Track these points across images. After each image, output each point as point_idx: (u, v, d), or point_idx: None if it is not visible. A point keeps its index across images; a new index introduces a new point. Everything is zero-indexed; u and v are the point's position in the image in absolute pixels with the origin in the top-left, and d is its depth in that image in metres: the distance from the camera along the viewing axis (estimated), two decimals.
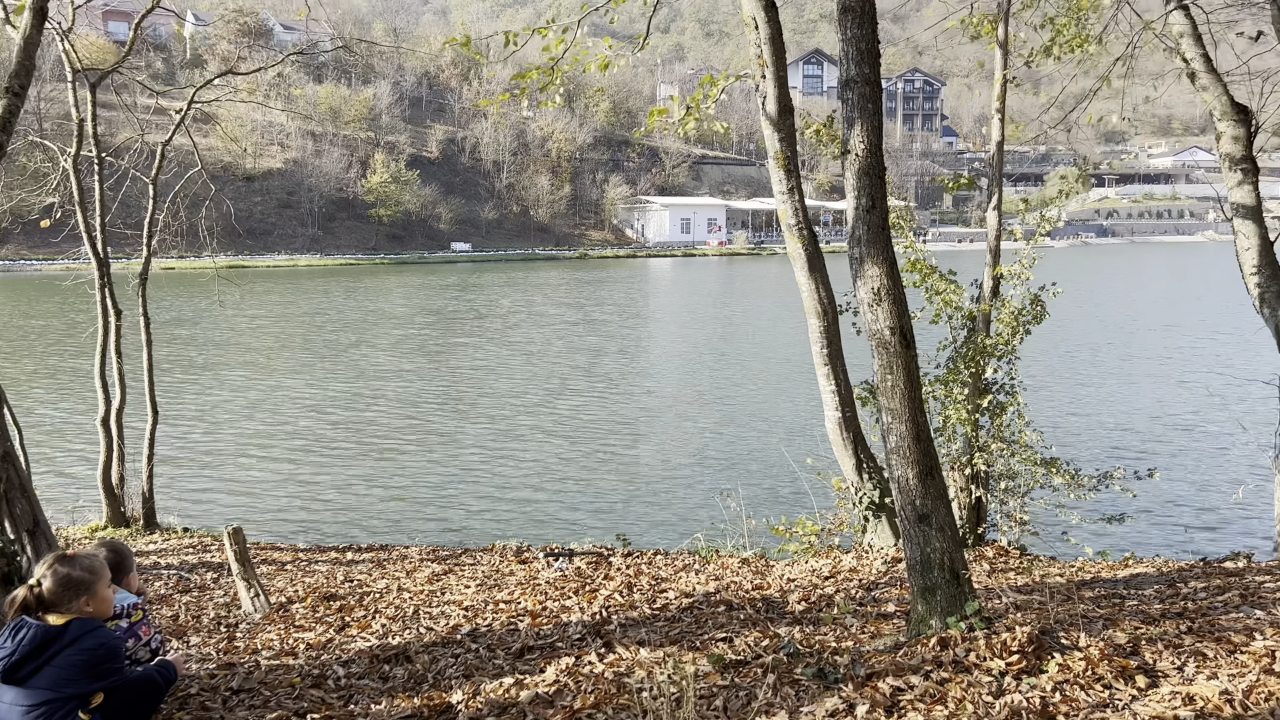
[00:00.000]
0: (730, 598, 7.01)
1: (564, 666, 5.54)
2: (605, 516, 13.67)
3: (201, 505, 14.93)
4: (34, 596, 4.08)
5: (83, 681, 4.00)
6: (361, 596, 7.49)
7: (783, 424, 20.46)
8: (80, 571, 4.18)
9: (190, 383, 27.15)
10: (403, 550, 10.06)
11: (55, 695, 4.00)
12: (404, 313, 48.54)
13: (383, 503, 15.16)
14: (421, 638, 6.28)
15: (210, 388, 26.50)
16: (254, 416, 22.30)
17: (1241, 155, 10.32)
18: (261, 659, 5.97)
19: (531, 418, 21.92)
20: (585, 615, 6.61)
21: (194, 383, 27.27)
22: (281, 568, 8.99)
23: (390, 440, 19.58)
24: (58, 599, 4.08)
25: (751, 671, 5.18)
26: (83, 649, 4.03)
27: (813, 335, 8.60)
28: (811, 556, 8.74)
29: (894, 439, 5.37)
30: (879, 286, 5.25)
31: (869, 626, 5.94)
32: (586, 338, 37.60)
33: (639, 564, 8.86)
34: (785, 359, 30.96)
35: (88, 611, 4.13)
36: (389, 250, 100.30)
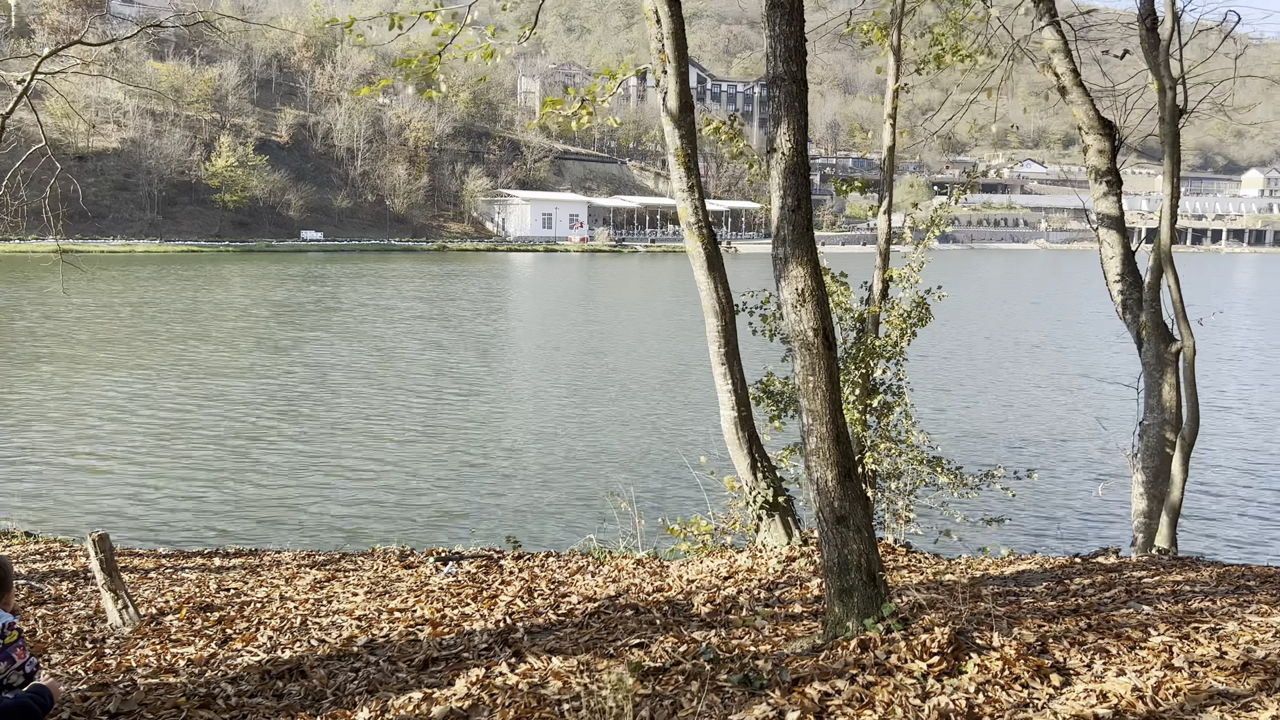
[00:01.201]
0: (635, 601, 6.88)
1: (474, 678, 5.30)
2: (489, 519, 13.35)
3: (42, 509, 13.85)
4: None
5: None
6: (241, 606, 7.01)
7: (668, 423, 20.51)
8: None
9: (18, 377, 25.25)
10: (275, 555, 9.52)
11: None
12: (255, 304, 46.54)
13: (243, 505, 14.41)
14: (314, 650, 5.91)
15: (40, 383, 24.71)
16: (91, 414, 20.89)
17: (1106, 168, 10.83)
18: (138, 678, 5.49)
19: (404, 418, 21.29)
20: (489, 623, 6.36)
21: (22, 377, 25.39)
22: (145, 575, 8.36)
23: (244, 440, 18.66)
24: None
25: (673, 679, 5.06)
26: None
27: (710, 334, 8.56)
28: (706, 556, 8.70)
29: (814, 440, 5.34)
30: (803, 288, 5.21)
31: (781, 629, 5.91)
32: (456, 334, 36.85)
33: (532, 567, 8.63)
34: (668, 358, 31.10)
35: None
36: (235, 237, 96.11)
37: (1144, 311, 10.38)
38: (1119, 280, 10.68)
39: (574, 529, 12.35)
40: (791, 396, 9.09)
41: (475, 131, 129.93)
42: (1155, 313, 10.34)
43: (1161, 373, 10.27)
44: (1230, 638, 5.27)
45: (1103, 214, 10.77)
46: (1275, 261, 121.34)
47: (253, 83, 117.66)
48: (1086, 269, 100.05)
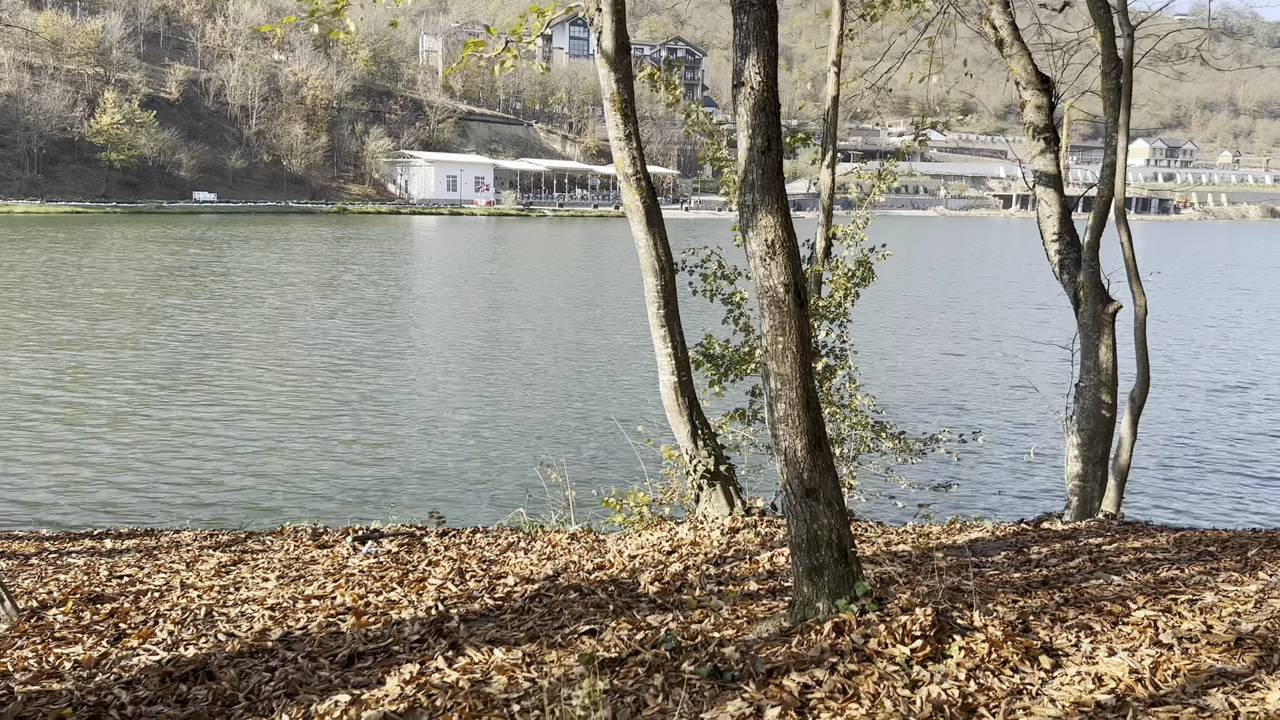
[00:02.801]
0: (577, 582, 6.38)
1: (407, 676, 4.74)
2: (407, 494, 12.64)
3: None
4: None
5: None
6: (136, 597, 6.28)
7: (597, 391, 19.94)
8: None
9: None
10: (174, 535, 8.73)
11: None
12: (141, 268, 44.31)
13: (132, 484, 13.39)
14: (222, 646, 5.26)
15: None
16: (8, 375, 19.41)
17: (1044, 124, 10.60)
18: (15, 685, 4.78)
19: (308, 389, 20.28)
20: (419, 610, 5.79)
21: None
22: (25, 562, 7.52)
23: (131, 414, 17.47)
24: None
25: (632, 671, 4.58)
26: None
27: (649, 294, 8.04)
28: (645, 529, 8.24)
29: (783, 406, 4.89)
30: (773, 239, 4.73)
31: (740, 610, 5.48)
32: (361, 300, 35.56)
33: (458, 544, 8.05)
34: (594, 323, 30.43)
35: None
36: (122, 198, 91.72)
37: (1082, 271, 10.23)
38: (1056, 240, 10.50)
39: (500, 503, 11.78)
40: (732, 360, 8.67)
41: (376, 91, 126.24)
42: (1094, 272, 10.19)
43: (1099, 333, 10.14)
44: (1213, 610, 5.03)
45: (1040, 172, 10.56)
46: (1158, 229, 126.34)
47: (139, 36, 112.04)
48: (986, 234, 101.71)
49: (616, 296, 37.77)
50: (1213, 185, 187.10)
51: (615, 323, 30.55)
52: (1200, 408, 19.72)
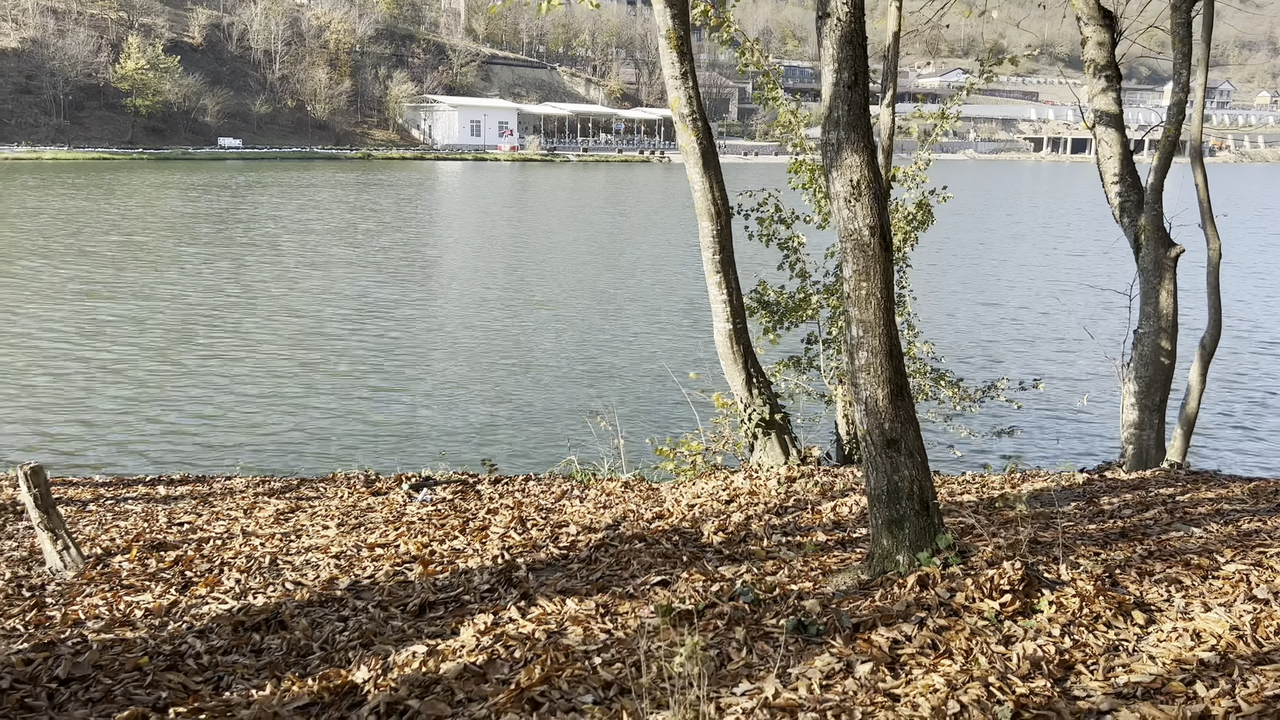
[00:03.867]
0: (639, 531, 6.30)
1: (481, 626, 4.68)
2: (456, 440, 12.58)
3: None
4: None
5: None
6: (199, 544, 6.26)
7: (646, 338, 19.70)
8: None
9: None
10: (226, 482, 8.73)
11: None
12: (173, 215, 44.32)
13: (180, 430, 13.43)
14: (291, 595, 5.22)
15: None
16: (10, 329, 19.49)
17: (1105, 61, 10.25)
18: (89, 633, 4.76)
19: (354, 336, 20.22)
20: (485, 559, 5.73)
21: None
22: (83, 508, 7.52)
23: (176, 361, 17.49)
24: None
25: (710, 624, 4.50)
26: None
27: (704, 239, 7.86)
28: (698, 478, 8.15)
29: (864, 355, 4.73)
30: (859, 179, 4.54)
31: (811, 561, 5.38)
32: (401, 246, 35.38)
33: (512, 492, 7.99)
34: (641, 268, 30.10)
35: None
36: (148, 144, 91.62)
37: (1144, 214, 9.93)
38: (1117, 182, 10.19)
39: (550, 451, 11.70)
40: (788, 307, 8.49)
41: (398, 34, 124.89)
42: (1156, 215, 9.90)
43: (1159, 278, 9.88)
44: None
45: (1101, 111, 10.22)
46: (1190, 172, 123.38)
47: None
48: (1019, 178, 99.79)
49: (654, 241, 37.46)
50: (1250, 127, 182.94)
51: (657, 268, 30.27)
52: (1257, 356, 19.32)
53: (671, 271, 29.63)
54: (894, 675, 3.88)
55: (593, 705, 3.79)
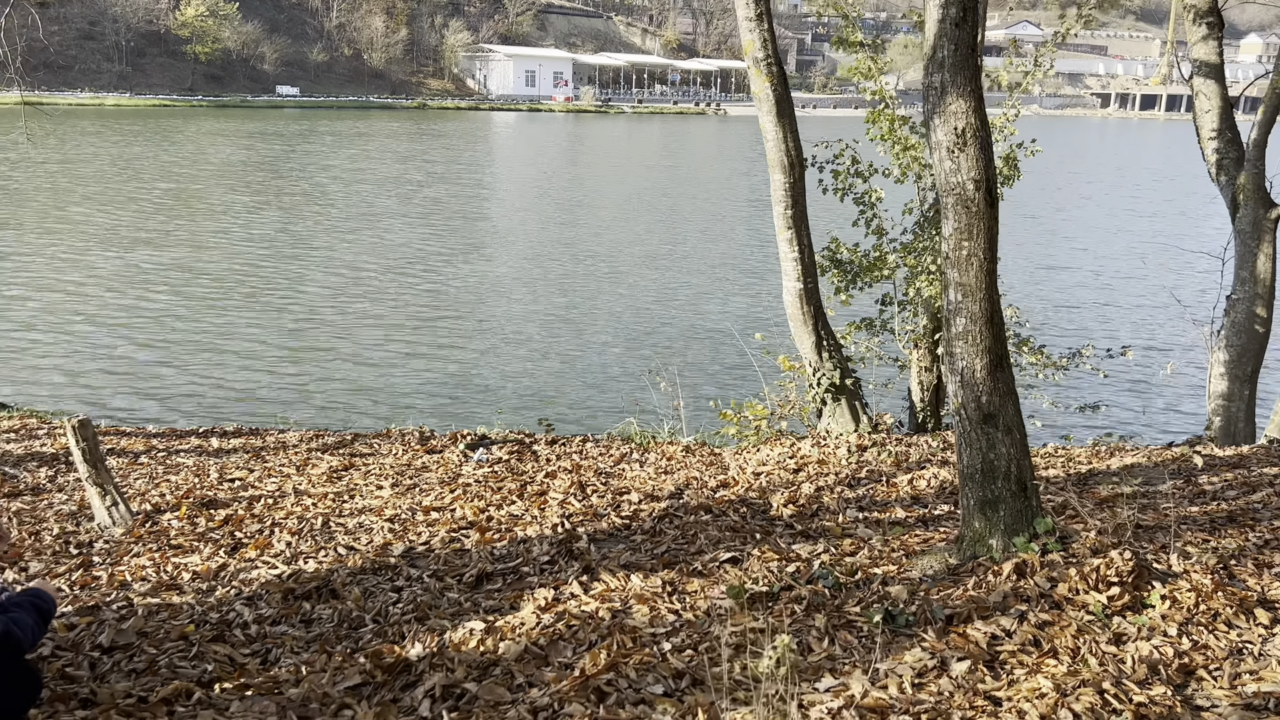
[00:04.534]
0: (704, 501, 5.98)
1: (541, 602, 4.41)
2: (510, 399, 12.35)
3: (11, 379, 12.78)
4: None
5: None
6: (250, 502, 6.07)
7: (706, 296, 19.25)
8: None
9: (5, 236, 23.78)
10: (279, 436, 8.57)
11: None
12: (231, 163, 44.52)
13: (231, 381, 13.35)
14: (343, 561, 4.99)
15: (8, 243, 23.28)
16: (65, 277, 19.58)
17: (1206, 8, 9.62)
18: (135, 596, 4.58)
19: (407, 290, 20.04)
20: (544, 528, 5.46)
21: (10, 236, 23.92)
22: (135, 460, 7.39)
23: (229, 313, 17.44)
24: None
25: (788, 609, 4.18)
26: None
27: (775, 193, 7.44)
28: (762, 444, 7.81)
29: (963, 321, 4.33)
30: (964, 126, 4.11)
31: (893, 541, 5.03)
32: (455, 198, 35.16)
33: (570, 454, 7.72)
34: (700, 224, 29.54)
35: None
36: (208, 92, 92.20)
37: (1244, 172, 9.32)
38: (1215, 137, 9.58)
39: (606, 411, 11.42)
40: (862, 266, 8.06)
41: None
42: (1257, 174, 9.30)
43: (1258, 241, 9.29)
44: None
45: (1200, 61, 9.58)
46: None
47: None
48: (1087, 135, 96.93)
49: (713, 196, 36.86)
50: None
51: (716, 224, 29.72)
52: None
53: (731, 227, 29.08)
54: (994, 675, 3.54)
55: (663, 697, 3.50)
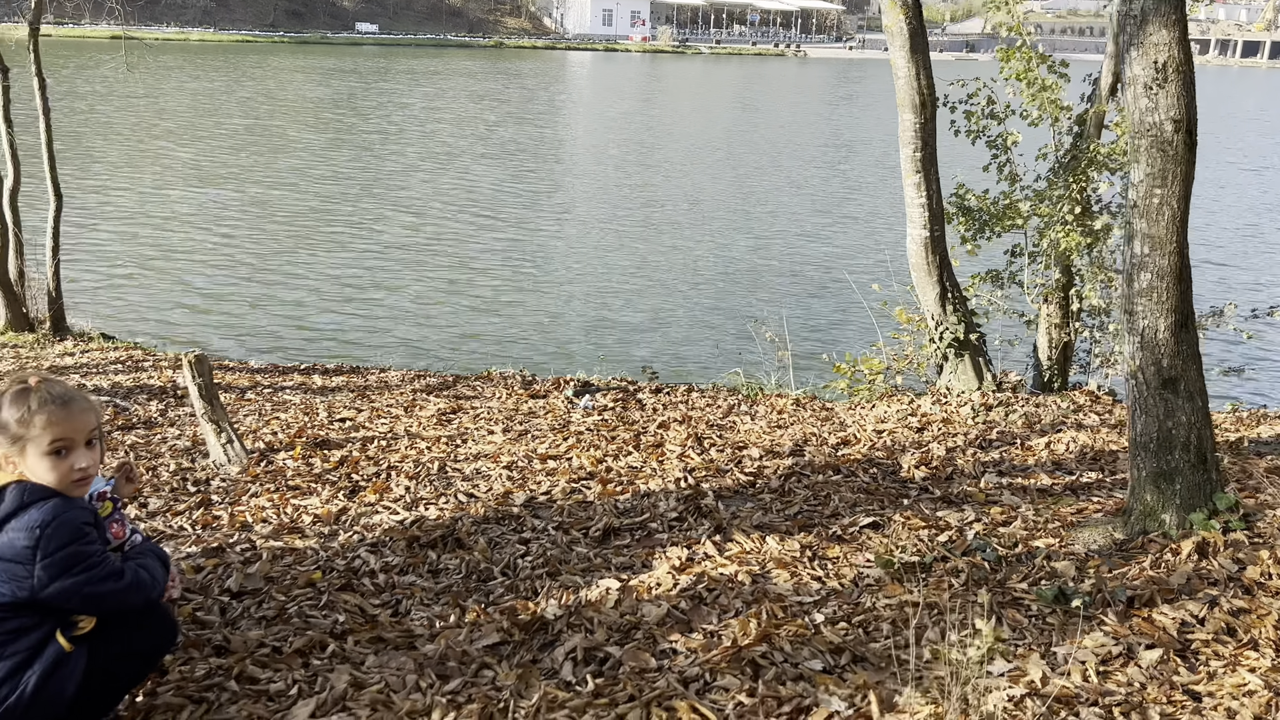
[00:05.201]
0: (830, 460, 5.71)
1: (675, 562, 4.20)
2: (603, 344, 12.09)
3: (113, 311, 12.94)
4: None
5: (30, 579, 2.57)
6: (363, 444, 5.95)
7: (797, 243, 18.70)
8: (81, 399, 2.75)
9: (85, 168, 24.16)
10: (381, 374, 8.48)
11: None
12: (323, 100, 44.71)
13: (314, 320, 13.28)
14: (465, 509, 4.84)
15: (105, 174, 23.64)
16: (149, 212, 19.75)
17: None
18: (257, 539, 4.47)
19: (495, 228, 19.88)
20: (666, 482, 5.24)
21: (89, 168, 24.31)
22: (241, 396, 7.35)
23: (323, 247, 17.45)
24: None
25: (944, 582, 3.90)
26: (26, 527, 2.56)
27: (904, 134, 7.03)
28: (877, 400, 7.49)
29: (1148, 277, 3.96)
30: (1165, 60, 3.70)
31: (1044, 511, 4.70)
32: (538, 138, 34.86)
33: (675, 403, 7.49)
34: (782, 168, 28.87)
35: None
36: (289, 28, 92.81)
37: None
38: None
39: (704, 360, 11.11)
40: (991, 215, 7.62)
41: None
42: None
43: None
44: None
45: None
46: None
47: None
48: None
49: (801, 141, 36.03)
50: None
51: (806, 170, 28.98)
52: None
53: (822, 173, 28.35)
54: (1188, 667, 3.23)
55: (822, 674, 3.26)
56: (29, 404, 2.64)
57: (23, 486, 2.60)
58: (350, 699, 3.17)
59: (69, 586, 2.58)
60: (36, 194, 11.74)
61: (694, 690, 3.20)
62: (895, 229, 19.60)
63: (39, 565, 2.54)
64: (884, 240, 18.45)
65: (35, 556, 2.54)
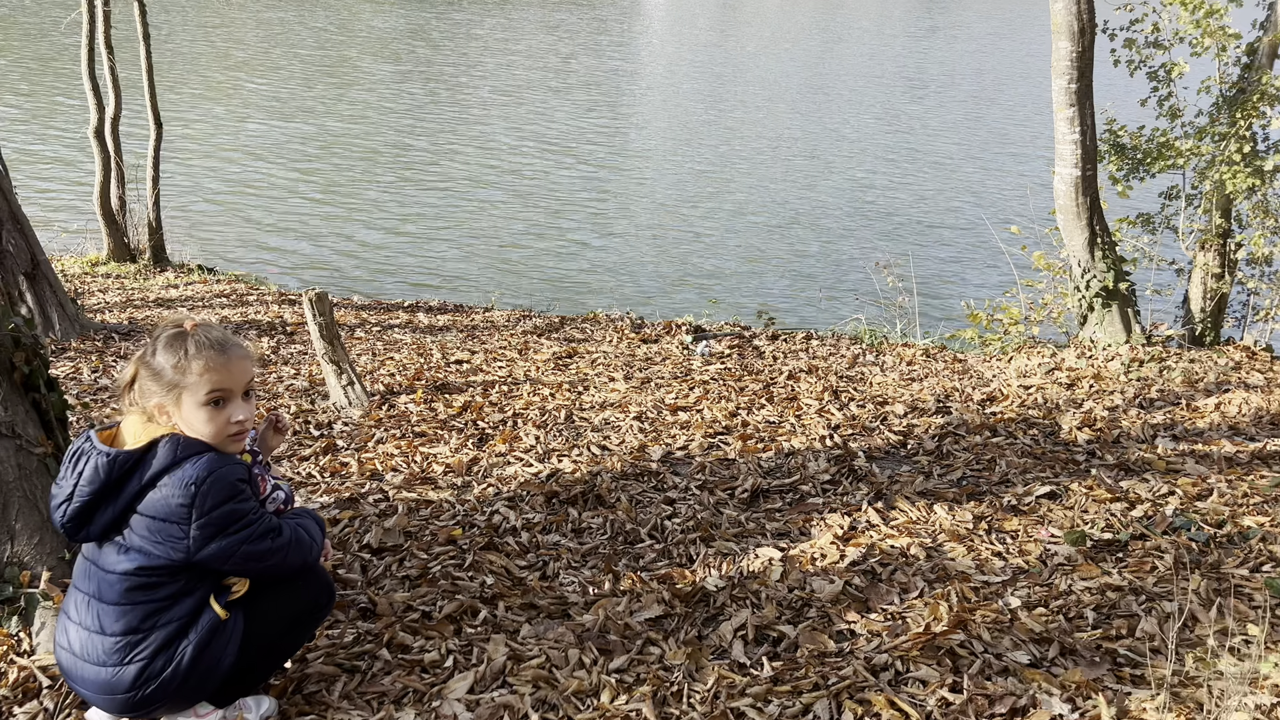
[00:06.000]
0: (978, 417, 5.31)
1: (837, 530, 3.88)
2: (709, 286, 11.66)
3: (206, 243, 12.88)
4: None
5: (186, 539, 2.31)
6: (484, 389, 5.71)
7: (921, 180, 17.83)
8: (237, 344, 2.49)
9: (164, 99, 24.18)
10: (485, 314, 8.24)
11: (148, 561, 2.36)
12: (388, 31, 44.35)
13: (412, 254, 13.06)
14: (601, 463, 4.57)
15: (186, 105, 23.66)
16: (245, 142, 19.68)
17: None
18: (389, 489, 4.26)
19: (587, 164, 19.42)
20: (810, 439, 4.90)
21: (167, 99, 24.34)
22: (351, 334, 7.15)
23: (405, 183, 17.13)
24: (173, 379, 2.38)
25: (1145, 564, 3.52)
26: (181, 483, 2.33)
27: (1058, 64, 6.46)
28: (1015, 351, 7.03)
29: None
30: None
31: (1237, 483, 4.27)
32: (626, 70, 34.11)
33: (795, 351, 7.13)
34: (906, 103, 27.79)
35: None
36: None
37: None
38: None
39: (820, 305, 10.65)
40: (1147, 153, 7.03)
41: None
42: None
43: None
44: None
45: None
46: None
47: None
48: None
49: (898, 72, 34.76)
50: None
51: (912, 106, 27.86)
52: None
53: (930, 108, 27.24)
54: None
55: (1031, 669, 2.93)
56: (185, 348, 2.39)
57: (176, 440, 2.37)
58: (510, 674, 2.93)
59: (226, 546, 2.36)
60: (126, 123, 11.61)
61: (885, 681, 2.90)
62: (1022, 170, 18.75)
63: (195, 525, 2.32)
64: (997, 183, 17.66)
65: (191, 515, 2.31)
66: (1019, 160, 20.08)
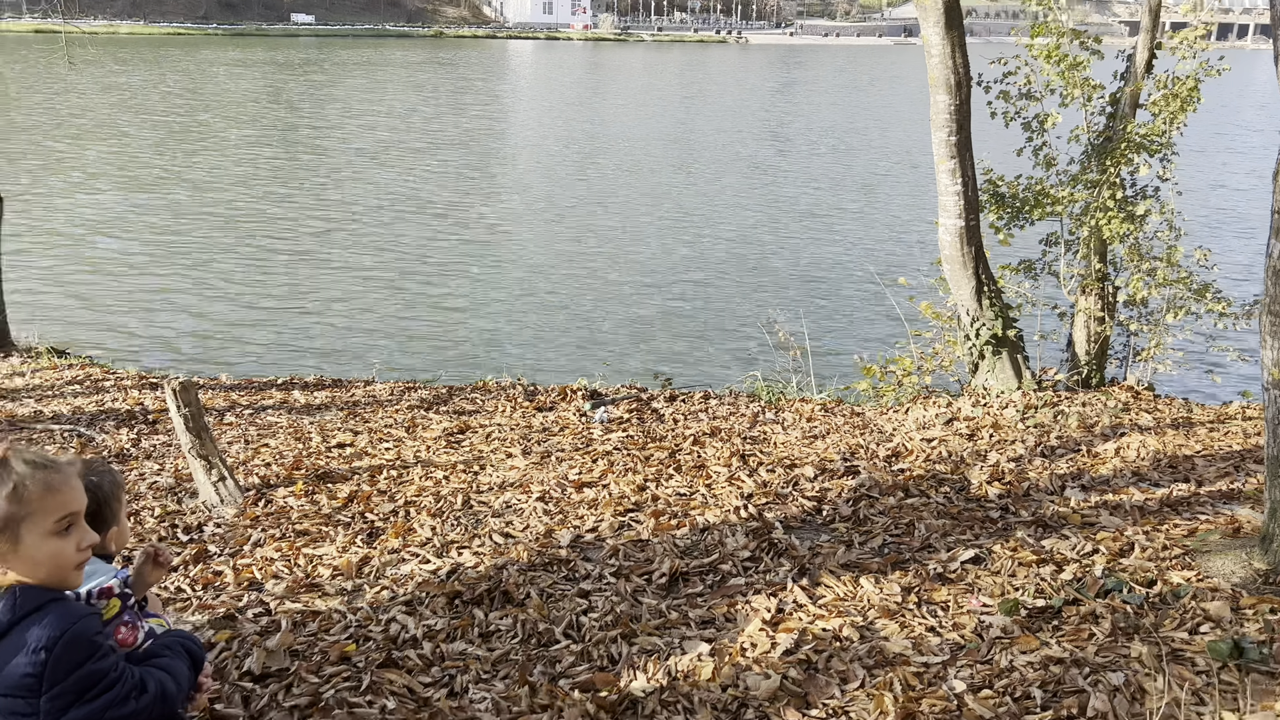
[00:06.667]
0: (888, 476, 5.19)
1: (765, 615, 3.65)
2: (603, 350, 11.38)
3: (55, 324, 12.01)
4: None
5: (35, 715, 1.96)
6: (371, 475, 5.31)
7: (803, 237, 17.92)
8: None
9: (13, 173, 22.86)
10: (366, 387, 7.80)
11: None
12: (252, 94, 43.28)
13: (290, 328, 12.48)
14: (504, 554, 4.23)
15: (24, 178, 22.37)
16: (77, 218, 18.52)
17: None
18: (270, 600, 3.83)
19: (472, 230, 19.06)
20: (724, 512, 4.68)
21: (18, 172, 23.02)
22: (221, 418, 6.62)
23: (276, 253, 16.48)
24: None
25: (1082, 630, 3.40)
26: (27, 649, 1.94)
27: (938, 117, 6.53)
28: (909, 403, 7.01)
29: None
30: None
31: (1154, 535, 4.22)
32: (484, 130, 33.95)
33: (695, 412, 6.94)
34: (768, 158, 28.25)
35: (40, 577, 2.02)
36: (222, 19, 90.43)
37: None
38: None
39: (711, 363, 10.51)
40: (1025, 202, 7.15)
41: None
42: None
43: None
44: None
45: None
46: None
47: None
48: None
49: (757, 130, 35.57)
50: None
51: (775, 161, 28.46)
52: None
53: (793, 163, 27.86)
54: None
55: None
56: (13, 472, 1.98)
57: (13, 593, 1.97)
58: None
59: (85, 715, 1.97)
60: None
61: None
62: (899, 222, 19.19)
63: (46, 698, 1.92)
64: (872, 234, 18.06)
65: (40, 686, 1.92)
66: (887, 209, 20.64)
